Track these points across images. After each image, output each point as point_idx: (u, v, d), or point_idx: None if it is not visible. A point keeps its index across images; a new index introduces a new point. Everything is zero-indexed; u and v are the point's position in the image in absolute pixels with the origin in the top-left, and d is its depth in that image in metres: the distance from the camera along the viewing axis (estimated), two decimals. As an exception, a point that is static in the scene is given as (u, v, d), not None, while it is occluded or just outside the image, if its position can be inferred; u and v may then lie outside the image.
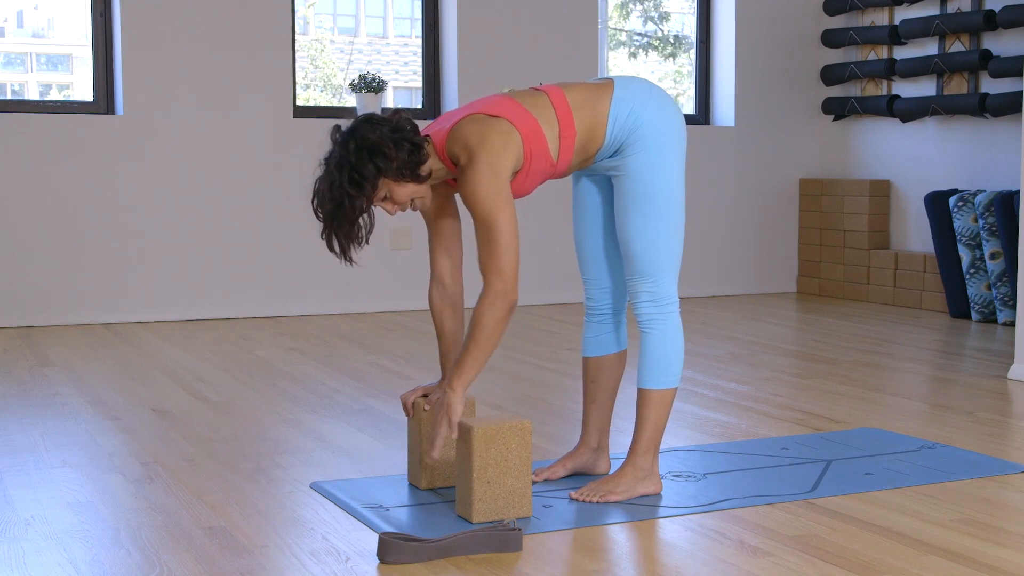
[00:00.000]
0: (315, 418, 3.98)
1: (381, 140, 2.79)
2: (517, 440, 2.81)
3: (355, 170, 2.78)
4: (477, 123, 2.84)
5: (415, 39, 7.14)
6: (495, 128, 2.83)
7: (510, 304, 2.80)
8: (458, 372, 2.82)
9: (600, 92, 2.95)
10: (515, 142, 2.84)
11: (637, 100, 2.94)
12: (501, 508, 2.81)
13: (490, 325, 2.79)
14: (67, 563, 2.54)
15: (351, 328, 6.00)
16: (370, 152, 2.79)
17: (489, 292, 2.79)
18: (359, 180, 2.78)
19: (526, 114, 2.87)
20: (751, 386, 4.57)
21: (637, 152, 2.93)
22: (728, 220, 7.47)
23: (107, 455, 3.47)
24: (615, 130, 2.92)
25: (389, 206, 2.87)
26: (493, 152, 2.80)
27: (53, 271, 6.02)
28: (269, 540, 2.71)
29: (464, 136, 2.83)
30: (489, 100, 2.92)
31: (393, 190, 2.83)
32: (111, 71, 6.20)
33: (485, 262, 2.80)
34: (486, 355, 2.83)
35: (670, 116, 2.97)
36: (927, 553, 2.62)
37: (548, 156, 2.90)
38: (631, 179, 2.94)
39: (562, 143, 2.90)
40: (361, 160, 2.78)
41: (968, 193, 6.33)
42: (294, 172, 6.35)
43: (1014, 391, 4.50)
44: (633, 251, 2.98)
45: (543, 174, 2.93)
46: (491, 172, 2.79)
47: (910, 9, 7.01)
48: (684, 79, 7.96)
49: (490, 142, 2.80)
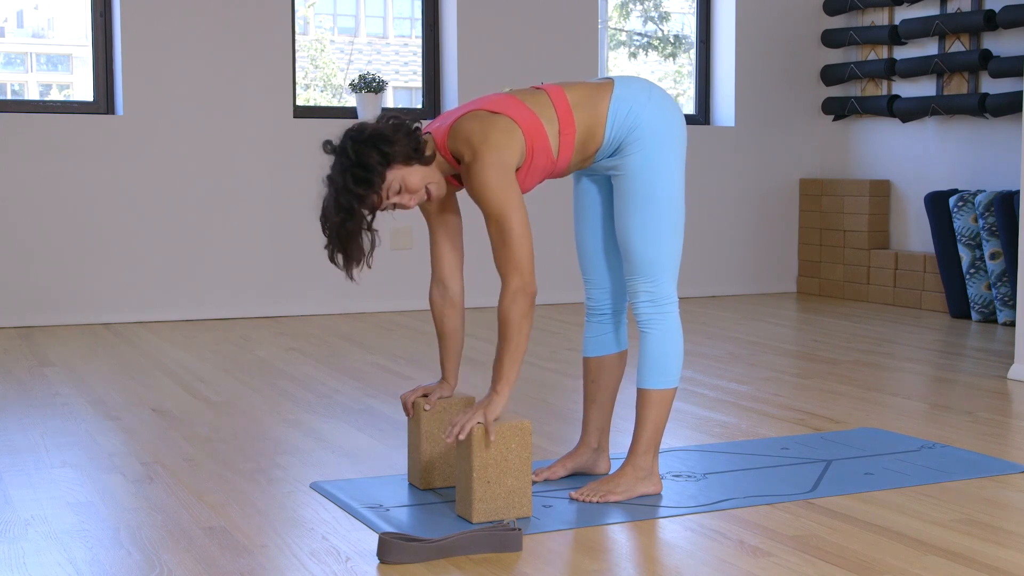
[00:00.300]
0: (315, 418, 3.98)
1: (378, 128, 2.79)
2: (517, 440, 2.81)
3: (359, 166, 2.75)
4: (478, 120, 2.83)
5: (415, 39, 7.14)
6: (497, 124, 2.82)
7: (531, 297, 2.79)
8: (501, 375, 2.80)
9: (600, 91, 2.95)
10: (517, 138, 2.83)
11: (637, 99, 2.93)
12: (501, 508, 2.81)
13: (517, 320, 2.78)
14: (67, 563, 2.54)
15: (351, 328, 6.00)
16: (372, 141, 2.76)
17: (508, 288, 2.78)
18: (366, 176, 2.75)
19: (528, 111, 2.86)
20: (751, 386, 4.57)
21: (636, 152, 2.93)
22: (728, 220, 7.47)
23: (107, 455, 3.47)
24: (614, 129, 2.92)
25: (406, 198, 2.82)
26: (497, 147, 2.79)
27: (53, 271, 6.02)
28: (269, 540, 2.71)
29: (466, 132, 2.81)
30: (490, 98, 2.91)
31: (405, 178, 2.80)
32: (111, 71, 6.21)
33: (501, 259, 2.79)
34: (522, 352, 2.81)
35: (670, 116, 2.96)
36: (927, 553, 2.62)
37: (549, 153, 2.89)
38: (630, 179, 2.94)
39: (562, 140, 2.90)
40: (364, 152, 2.75)
41: (968, 193, 6.33)
42: (294, 172, 6.35)
43: (1014, 391, 4.50)
44: (632, 251, 2.97)
45: (544, 171, 2.92)
46: (498, 167, 2.78)
47: (910, 9, 7.01)
48: (684, 79, 7.96)
49: (493, 138, 2.79)
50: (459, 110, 2.91)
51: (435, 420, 3.08)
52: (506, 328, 2.79)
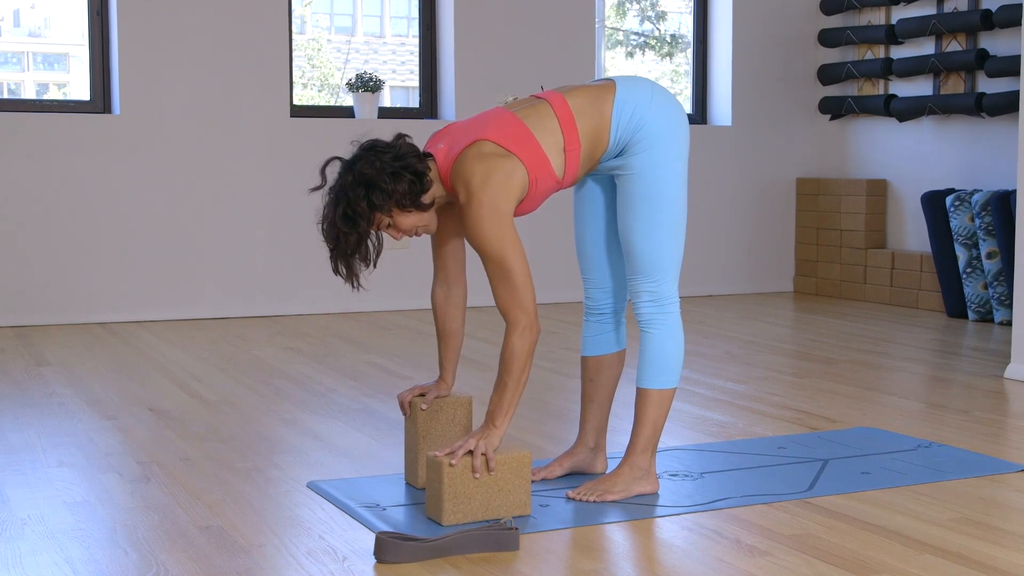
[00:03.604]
0: (312, 417, 3.98)
1: (377, 174, 2.78)
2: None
3: (349, 206, 2.78)
4: (481, 160, 2.81)
5: (412, 38, 7.13)
6: (500, 167, 2.80)
7: (536, 336, 2.83)
8: (500, 410, 2.82)
9: (602, 94, 2.94)
10: (518, 180, 2.82)
11: (640, 100, 2.93)
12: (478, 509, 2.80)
13: (523, 358, 2.81)
14: (63, 563, 2.54)
15: (348, 328, 6.00)
16: (366, 187, 2.78)
17: (516, 327, 2.81)
18: (352, 216, 2.79)
19: (531, 141, 2.84)
20: (748, 385, 4.57)
21: (641, 151, 2.92)
22: (725, 219, 7.47)
23: (104, 455, 3.47)
24: (619, 131, 2.92)
25: (394, 232, 2.87)
26: (492, 191, 2.78)
27: (49, 270, 6.01)
28: (266, 539, 2.71)
29: (467, 174, 2.81)
30: (496, 121, 2.87)
31: (396, 219, 2.83)
32: (108, 70, 6.20)
33: (505, 300, 2.81)
34: (522, 388, 2.85)
35: (674, 115, 2.96)
36: (924, 552, 2.62)
37: (553, 177, 2.90)
38: (634, 179, 2.94)
39: (567, 156, 2.89)
40: (356, 196, 2.78)
41: (965, 192, 6.34)
42: (291, 171, 6.35)
43: (1011, 390, 4.50)
44: (635, 250, 2.97)
45: (548, 191, 2.93)
46: (492, 212, 2.78)
47: (907, 9, 7.01)
48: (681, 78, 7.96)
49: (491, 183, 2.79)
50: (466, 132, 2.88)
51: (432, 419, 3.08)
52: (512, 363, 2.81)
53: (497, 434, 2.81)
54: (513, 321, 2.81)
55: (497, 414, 2.82)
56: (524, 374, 2.83)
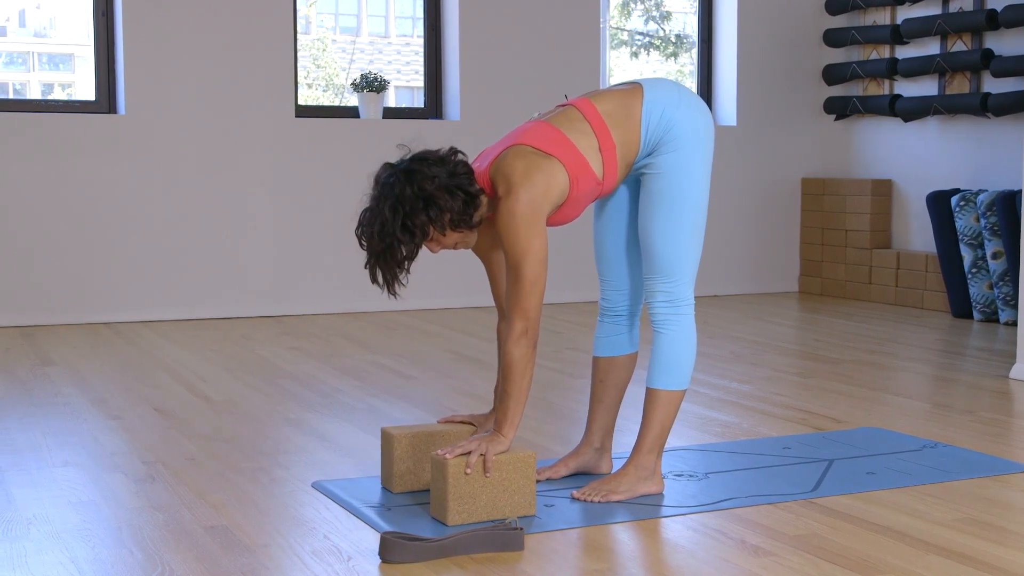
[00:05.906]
0: (317, 417, 3.98)
1: (437, 191, 2.81)
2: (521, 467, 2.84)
3: (408, 218, 2.81)
4: (522, 157, 2.84)
5: (417, 38, 7.14)
6: (541, 166, 2.83)
7: (532, 342, 2.84)
8: (506, 419, 2.83)
9: (630, 98, 2.95)
10: (559, 181, 2.84)
11: (668, 101, 2.94)
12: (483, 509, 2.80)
13: (521, 364, 2.83)
14: (69, 562, 2.54)
15: (353, 327, 6.00)
16: (425, 202, 2.81)
17: (513, 331, 2.82)
18: (411, 228, 2.82)
19: (567, 144, 2.87)
20: (753, 385, 4.57)
21: (670, 151, 2.94)
22: (730, 219, 7.47)
23: (109, 454, 3.47)
24: (649, 133, 2.93)
25: (434, 246, 2.91)
26: (534, 190, 2.80)
27: (55, 270, 6.02)
28: (271, 539, 2.71)
29: (507, 169, 2.83)
30: (532, 131, 2.90)
31: (444, 235, 2.87)
32: (113, 70, 6.21)
33: (511, 300, 2.84)
34: (525, 395, 2.86)
35: (701, 117, 2.98)
36: (929, 553, 2.62)
37: (593, 178, 2.91)
38: (659, 177, 2.95)
39: (604, 156, 2.90)
40: (415, 209, 2.81)
41: (970, 193, 6.33)
42: (296, 171, 6.35)
43: (1016, 391, 4.49)
44: (654, 249, 2.98)
45: (591, 195, 2.94)
46: (528, 210, 2.80)
47: (912, 9, 7.01)
48: (686, 79, 7.95)
49: (532, 179, 2.81)
50: (504, 144, 2.91)
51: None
52: (511, 370, 2.83)
53: (504, 443, 2.82)
54: (512, 323, 2.83)
55: (504, 423, 2.83)
56: (525, 380, 2.84)
